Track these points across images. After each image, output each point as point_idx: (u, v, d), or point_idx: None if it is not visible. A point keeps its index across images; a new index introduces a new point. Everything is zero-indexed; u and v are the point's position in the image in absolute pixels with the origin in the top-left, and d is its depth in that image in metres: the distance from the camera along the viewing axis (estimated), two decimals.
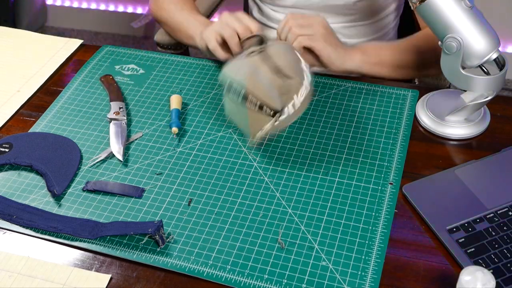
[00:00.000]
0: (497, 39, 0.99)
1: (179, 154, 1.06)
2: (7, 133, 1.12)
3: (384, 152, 1.03)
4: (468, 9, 0.97)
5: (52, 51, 1.32)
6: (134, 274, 0.88)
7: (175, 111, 1.11)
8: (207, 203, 0.96)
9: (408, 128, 1.07)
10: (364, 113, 1.10)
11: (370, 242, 0.89)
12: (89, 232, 0.92)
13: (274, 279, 0.85)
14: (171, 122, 1.09)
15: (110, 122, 1.11)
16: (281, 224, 0.92)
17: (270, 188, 0.98)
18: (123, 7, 2.92)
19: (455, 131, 1.05)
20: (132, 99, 1.18)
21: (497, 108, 1.10)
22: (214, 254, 0.89)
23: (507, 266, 0.84)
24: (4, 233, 0.95)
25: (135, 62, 1.27)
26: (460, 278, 0.73)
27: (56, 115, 1.15)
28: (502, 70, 1.00)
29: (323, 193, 0.97)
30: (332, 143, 1.05)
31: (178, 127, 1.08)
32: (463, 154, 1.03)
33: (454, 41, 0.97)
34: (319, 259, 0.87)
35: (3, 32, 1.40)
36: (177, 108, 1.12)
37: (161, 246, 0.90)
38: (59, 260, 0.91)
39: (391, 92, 1.15)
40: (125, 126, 1.10)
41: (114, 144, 1.07)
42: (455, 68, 1.00)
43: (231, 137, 1.08)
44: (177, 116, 1.10)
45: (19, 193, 1.00)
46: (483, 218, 0.90)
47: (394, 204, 0.94)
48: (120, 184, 1.00)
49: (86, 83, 1.22)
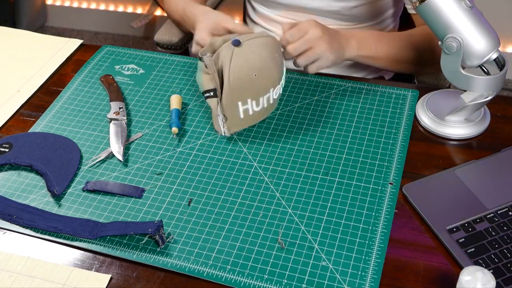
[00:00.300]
0: (497, 39, 0.99)
1: (179, 154, 1.06)
2: (7, 133, 1.12)
3: (384, 152, 1.03)
4: (468, 9, 0.97)
5: (52, 51, 1.32)
6: (134, 274, 0.88)
7: (175, 111, 1.11)
8: (207, 203, 0.96)
9: (408, 128, 1.07)
10: (364, 113, 1.10)
11: (370, 242, 0.89)
12: (89, 232, 0.92)
13: (274, 279, 0.85)
14: (171, 122, 1.09)
15: (110, 122, 1.11)
16: (281, 224, 0.92)
17: (270, 188, 0.98)
18: (123, 7, 2.92)
19: (455, 131, 1.05)
20: (132, 99, 1.18)
21: (497, 108, 1.10)
22: (214, 254, 0.89)
23: (507, 266, 0.84)
24: (4, 233, 0.95)
25: (135, 62, 1.27)
26: (460, 278, 0.73)
27: (56, 115, 1.15)
28: (502, 70, 1.00)
29: (323, 193, 0.97)
30: (332, 143, 1.05)
31: (178, 127, 1.09)
32: (463, 154, 1.03)
33: (454, 41, 0.97)
34: (319, 259, 0.87)
35: (3, 32, 1.40)
36: (177, 108, 1.12)
37: (161, 246, 0.90)
38: (59, 260, 0.91)
39: (391, 92, 1.15)
40: (125, 126, 1.10)
41: (114, 144, 1.07)
42: (455, 68, 1.00)
43: (231, 137, 1.08)
44: (177, 116, 1.10)
45: (19, 193, 1.00)
46: (483, 218, 0.90)
47: (394, 204, 0.94)
48: (120, 184, 1.00)
49: (86, 83, 1.22)
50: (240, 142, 1.07)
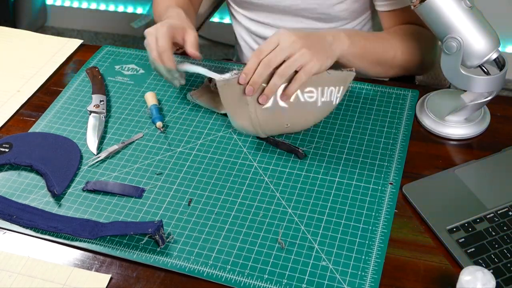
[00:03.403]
0: (497, 39, 0.99)
1: (179, 154, 1.06)
2: (7, 133, 1.12)
3: (384, 152, 1.03)
4: (468, 9, 0.97)
5: (52, 51, 1.32)
6: (134, 274, 0.88)
7: (154, 107, 1.13)
8: (207, 203, 0.96)
9: (408, 128, 1.07)
10: (364, 113, 1.10)
11: (370, 242, 0.89)
12: (89, 232, 0.92)
13: (274, 279, 0.85)
14: (153, 118, 1.11)
15: (90, 115, 1.12)
16: (281, 224, 0.92)
17: (270, 188, 0.98)
18: (123, 7, 2.92)
19: (455, 131, 1.05)
20: (132, 99, 1.18)
21: (497, 108, 1.10)
22: (214, 254, 0.89)
23: (507, 266, 0.84)
24: (4, 233, 0.95)
25: (135, 62, 1.27)
26: (460, 278, 0.73)
27: (56, 115, 1.15)
28: (502, 70, 1.00)
29: (323, 193, 0.97)
30: (332, 143, 1.05)
31: (162, 121, 1.10)
32: (463, 154, 1.03)
33: (454, 41, 0.97)
34: (319, 259, 0.87)
35: (3, 32, 1.40)
36: (154, 103, 1.13)
37: (161, 246, 0.90)
38: (59, 260, 0.91)
39: (391, 92, 1.14)
40: (103, 119, 1.12)
41: (90, 136, 1.08)
42: (455, 68, 1.00)
43: (231, 137, 1.08)
44: (157, 111, 1.12)
45: (19, 193, 1.00)
46: (483, 218, 0.90)
47: (394, 204, 0.94)
48: (120, 184, 1.00)
49: (86, 83, 1.22)
50: (240, 142, 1.07)
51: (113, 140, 1.09)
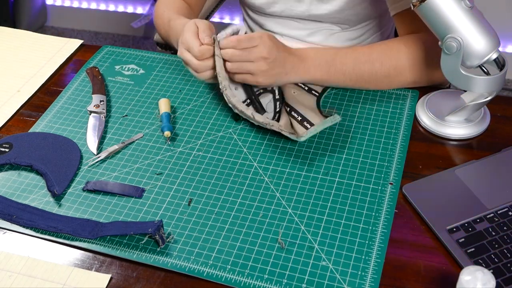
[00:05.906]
0: (497, 39, 0.99)
1: (179, 154, 1.06)
2: (7, 133, 1.12)
3: (384, 152, 1.03)
4: (468, 9, 0.97)
5: (52, 51, 1.32)
6: (134, 274, 0.88)
7: (166, 114, 1.11)
8: (207, 203, 0.96)
9: (408, 128, 1.07)
10: (364, 113, 1.10)
11: (370, 242, 0.89)
12: (89, 232, 0.92)
13: (274, 279, 0.85)
14: (162, 126, 1.08)
15: (90, 115, 1.12)
16: (281, 224, 0.92)
17: (270, 188, 0.98)
18: (123, 7, 2.92)
19: (455, 131, 1.05)
20: (132, 99, 1.18)
21: (497, 108, 1.10)
22: (214, 254, 0.89)
23: (507, 266, 0.84)
24: (4, 233, 0.95)
25: (135, 62, 1.27)
26: (460, 278, 0.73)
27: (56, 115, 1.15)
28: (502, 70, 1.00)
29: (323, 193, 0.97)
30: (332, 143, 1.05)
31: (170, 131, 1.08)
32: (463, 154, 1.03)
33: (454, 41, 0.97)
34: (319, 259, 0.87)
35: (3, 32, 1.40)
36: (167, 111, 1.12)
37: (161, 246, 0.90)
38: (59, 260, 0.91)
39: (391, 92, 1.14)
40: (104, 119, 1.12)
41: (90, 136, 1.08)
42: (455, 68, 1.00)
43: (231, 137, 1.08)
44: (168, 120, 1.10)
45: (19, 193, 1.00)
46: (483, 218, 0.90)
47: (394, 204, 0.94)
48: (120, 184, 1.00)
49: (86, 83, 1.22)
50: (240, 142, 1.07)
51: (113, 140, 1.09)
